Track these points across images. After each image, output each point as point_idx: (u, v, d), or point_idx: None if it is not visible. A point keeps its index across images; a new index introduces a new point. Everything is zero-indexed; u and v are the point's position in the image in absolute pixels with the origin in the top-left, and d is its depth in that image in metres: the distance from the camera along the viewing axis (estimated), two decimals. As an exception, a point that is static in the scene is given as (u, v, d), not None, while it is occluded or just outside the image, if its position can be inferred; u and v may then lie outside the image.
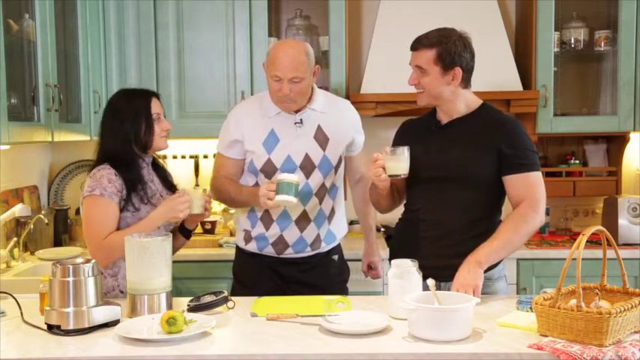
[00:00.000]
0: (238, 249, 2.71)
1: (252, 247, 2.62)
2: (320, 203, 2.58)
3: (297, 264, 2.61)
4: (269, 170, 2.52)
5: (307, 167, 2.53)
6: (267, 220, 2.56)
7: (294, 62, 2.41)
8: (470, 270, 2.11)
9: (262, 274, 2.61)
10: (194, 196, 2.33)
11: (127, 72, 3.57)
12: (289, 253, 2.58)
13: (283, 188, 2.32)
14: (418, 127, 2.43)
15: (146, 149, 2.37)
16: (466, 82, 2.30)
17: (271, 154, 2.51)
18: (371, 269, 2.85)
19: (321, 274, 2.62)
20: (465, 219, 2.27)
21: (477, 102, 2.34)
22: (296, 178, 2.35)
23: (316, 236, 2.59)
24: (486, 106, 2.35)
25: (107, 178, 2.28)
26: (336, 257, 2.70)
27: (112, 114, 2.38)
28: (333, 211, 2.65)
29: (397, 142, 2.40)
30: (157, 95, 2.43)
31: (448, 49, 2.22)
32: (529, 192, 2.22)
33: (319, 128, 2.56)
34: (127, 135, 2.33)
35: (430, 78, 2.25)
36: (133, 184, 2.31)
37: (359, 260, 2.92)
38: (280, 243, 2.57)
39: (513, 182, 2.24)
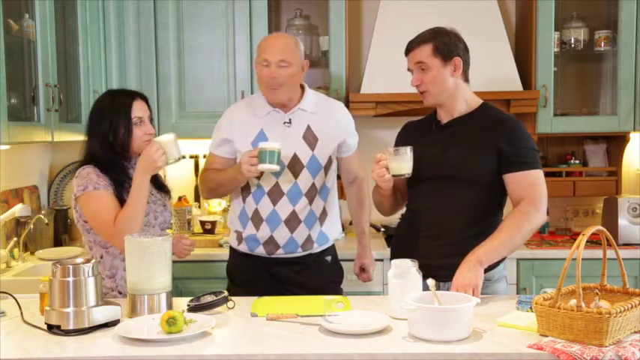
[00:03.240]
0: (232, 249, 2.72)
1: (243, 247, 2.62)
2: (310, 204, 2.57)
3: (289, 264, 2.60)
4: (258, 175, 2.51)
5: (295, 167, 2.53)
6: (257, 220, 2.56)
7: (282, 46, 2.50)
8: (470, 269, 2.10)
9: (255, 274, 2.61)
10: (166, 143, 2.27)
11: (127, 72, 3.57)
12: (280, 253, 2.58)
13: (265, 156, 2.33)
14: (419, 128, 2.44)
15: (125, 151, 2.36)
16: (466, 75, 2.31)
17: None
18: (363, 271, 2.85)
19: (314, 275, 2.62)
20: (464, 218, 2.27)
21: (477, 101, 2.35)
22: (277, 145, 2.36)
23: (307, 237, 2.59)
24: (487, 105, 2.35)
25: (95, 173, 2.29)
26: (329, 258, 2.70)
27: (94, 114, 2.40)
28: (324, 212, 2.64)
29: (399, 142, 2.41)
30: (143, 97, 2.42)
31: (443, 41, 2.26)
32: (530, 190, 2.21)
33: (308, 128, 2.56)
34: (105, 135, 2.33)
35: (433, 72, 2.26)
36: (119, 182, 2.31)
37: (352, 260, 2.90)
38: (271, 243, 2.57)
39: (514, 180, 2.23)
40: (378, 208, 2.54)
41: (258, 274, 2.61)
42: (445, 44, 2.25)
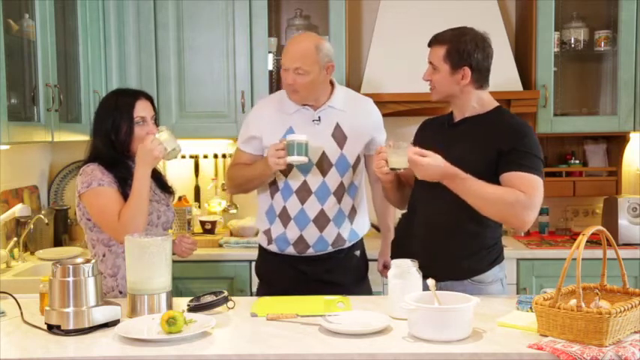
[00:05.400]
0: (261, 248, 2.72)
1: (273, 248, 2.63)
2: (339, 202, 2.58)
3: (320, 261, 2.60)
4: (286, 168, 2.52)
5: (324, 165, 2.53)
6: (285, 218, 2.56)
7: (299, 53, 2.46)
8: (441, 172, 2.09)
9: (284, 273, 2.61)
10: (161, 135, 2.28)
11: (127, 72, 3.57)
12: (310, 252, 2.58)
13: (294, 149, 2.35)
14: (435, 125, 2.43)
15: (126, 150, 2.36)
16: (479, 83, 2.27)
17: None
18: (386, 269, 2.85)
19: (343, 271, 2.63)
20: (460, 218, 2.22)
21: (492, 103, 2.31)
22: (305, 137, 2.37)
23: (337, 235, 2.59)
24: (501, 109, 2.31)
25: (99, 170, 2.30)
26: (358, 253, 2.71)
27: (98, 112, 2.42)
28: (354, 210, 2.64)
29: (415, 140, 2.40)
30: (148, 97, 2.42)
31: (457, 48, 2.22)
32: (527, 189, 2.12)
33: (337, 126, 2.56)
34: (107, 134, 2.34)
35: (440, 75, 2.25)
36: (123, 180, 2.32)
37: (373, 260, 2.88)
38: (301, 243, 2.57)
39: (510, 180, 2.14)
40: (388, 201, 2.55)
41: (287, 273, 2.60)
42: (458, 52, 2.21)
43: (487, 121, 2.27)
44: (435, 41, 2.28)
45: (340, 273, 2.62)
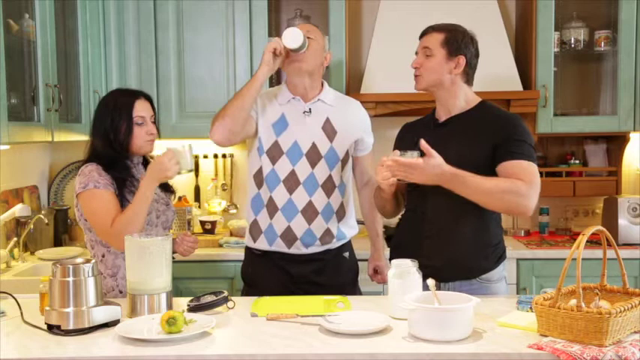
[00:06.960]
0: (247, 250, 2.70)
1: (261, 244, 2.60)
2: (327, 197, 2.58)
3: (308, 262, 2.59)
4: (275, 154, 2.54)
5: (313, 156, 2.55)
6: (272, 208, 2.56)
7: (308, 25, 2.61)
8: (440, 174, 2.08)
9: (272, 275, 2.59)
10: (180, 153, 2.28)
11: (127, 72, 3.57)
12: (298, 246, 2.57)
13: (294, 33, 2.43)
14: (417, 128, 2.43)
15: (125, 150, 2.37)
16: (468, 77, 2.31)
17: (279, 137, 2.55)
18: (376, 273, 2.85)
19: (332, 274, 2.62)
20: (463, 217, 2.24)
21: (476, 99, 2.35)
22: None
23: (325, 230, 2.58)
24: (485, 103, 2.35)
25: (97, 172, 2.30)
26: (347, 254, 2.70)
27: (97, 112, 2.42)
28: (342, 208, 2.64)
29: (398, 145, 2.40)
30: (147, 97, 2.43)
31: (456, 37, 2.28)
32: (525, 176, 2.14)
33: (327, 120, 2.59)
34: (106, 133, 2.35)
35: (434, 60, 2.27)
36: (122, 181, 2.32)
37: (363, 260, 2.88)
38: (289, 234, 2.56)
39: (507, 168, 2.17)
40: (380, 212, 2.55)
41: (275, 274, 2.59)
42: (457, 40, 2.27)
43: (475, 117, 2.30)
44: (431, 29, 2.33)
45: (328, 274, 2.61)
